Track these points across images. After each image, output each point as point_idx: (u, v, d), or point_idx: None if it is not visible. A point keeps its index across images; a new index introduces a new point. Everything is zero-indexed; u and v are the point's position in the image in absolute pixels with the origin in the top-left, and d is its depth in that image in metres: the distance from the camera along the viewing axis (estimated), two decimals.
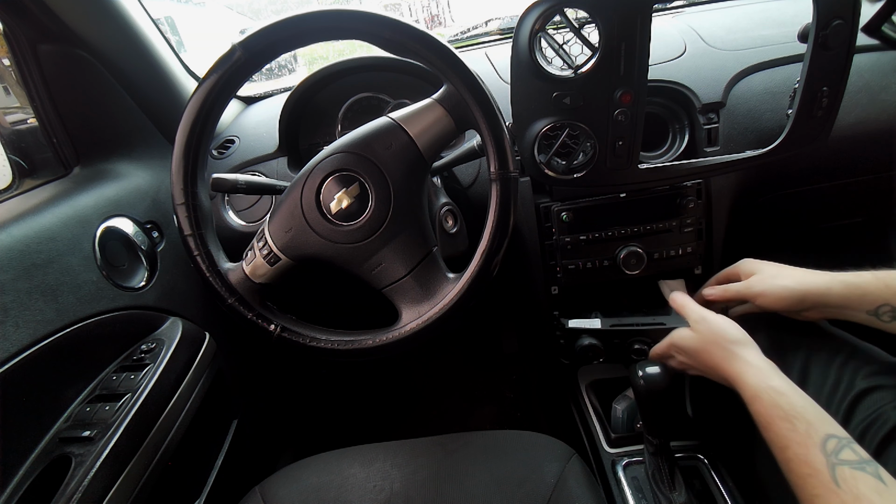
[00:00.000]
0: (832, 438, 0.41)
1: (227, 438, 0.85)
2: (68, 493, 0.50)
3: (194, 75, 0.94)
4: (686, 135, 0.80)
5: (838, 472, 0.39)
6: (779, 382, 0.48)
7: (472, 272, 0.54)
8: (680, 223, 0.77)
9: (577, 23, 0.62)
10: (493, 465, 0.61)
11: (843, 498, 0.38)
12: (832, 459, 0.40)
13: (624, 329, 0.76)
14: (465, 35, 1.09)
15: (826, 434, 0.42)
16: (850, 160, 0.83)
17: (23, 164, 0.78)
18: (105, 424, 0.56)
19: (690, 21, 0.90)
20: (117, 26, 0.79)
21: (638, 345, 0.76)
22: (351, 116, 0.92)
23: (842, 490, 0.38)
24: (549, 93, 0.64)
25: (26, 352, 0.53)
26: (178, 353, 0.67)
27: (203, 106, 0.54)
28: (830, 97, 0.63)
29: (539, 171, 0.68)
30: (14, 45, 0.73)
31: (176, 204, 0.55)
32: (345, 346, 0.57)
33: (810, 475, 0.40)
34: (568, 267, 0.79)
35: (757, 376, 0.49)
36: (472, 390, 1.37)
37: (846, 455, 0.40)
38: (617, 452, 0.80)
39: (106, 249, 0.68)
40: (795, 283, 0.55)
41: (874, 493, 0.37)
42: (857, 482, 0.38)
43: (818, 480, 0.39)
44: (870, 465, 0.39)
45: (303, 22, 0.52)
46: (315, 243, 0.57)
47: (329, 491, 0.61)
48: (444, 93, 0.55)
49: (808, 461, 0.41)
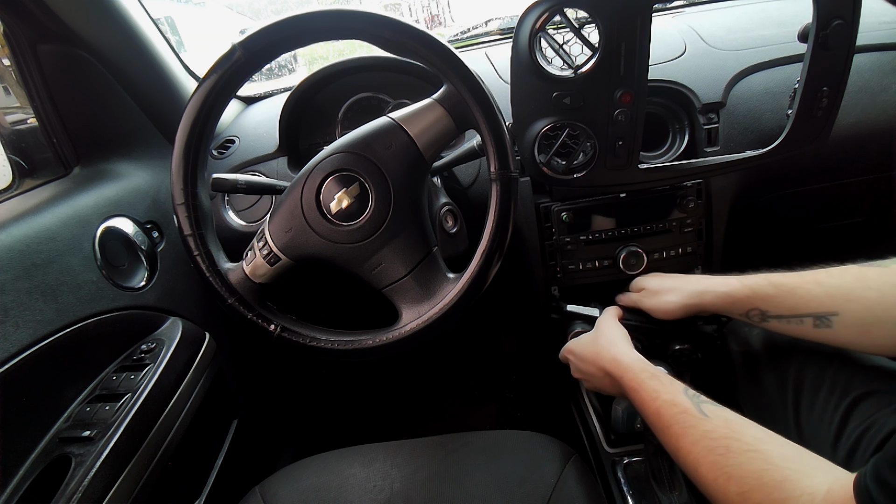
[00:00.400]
0: (689, 390, 0.49)
1: (227, 438, 0.85)
2: (68, 493, 0.50)
3: (194, 75, 0.94)
4: (686, 135, 0.80)
5: (703, 407, 0.46)
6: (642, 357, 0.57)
7: (472, 272, 0.54)
8: (680, 223, 0.77)
9: (577, 23, 0.62)
10: (493, 465, 0.61)
11: (714, 423, 0.44)
12: (695, 400, 0.47)
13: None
14: (465, 35, 1.09)
15: (684, 386, 0.50)
16: (850, 160, 0.83)
17: (23, 164, 0.78)
18: (105, 424, 0.56)
19: (690, 21, 0.90)
20: (117, 26, 0.79)
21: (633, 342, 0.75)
22: (351, 116, 0.92)
23: (710, 418, 0.45)
24: (549, 93, 0.64)
25: (26, 352, 0.53)
26: (178, 353, 0.67)
27: (203, 106, 0.54)
28: (830, 97, 0.63)
29: (539, 171, 0.68)
30: (14, 45, 0.73)
31: (176, 204, 0.55)
32: (345, 346, 0.57)
33: (680, 412, 0.47)
34: (568, 267, 0.79)
35: (629, 354, 0.58)
36: (472, 390, 1.37)
37: (703, 399, 0.48)
38: (617, 452, 0.80)
39: (106, 249, 0.68)
40: (678, 298, 0.63)
41: (739, 418, 0.44)
42: (721, 412, 0.45)
43: (688, 415, 0.46)
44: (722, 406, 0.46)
45: (303, 22, 0.52)
46: (315, 243, 0.57)
47: (329, 491, 0.61)
48: (444, 93, 0.55)
49: (676, 402, 0.48)
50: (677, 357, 0.73)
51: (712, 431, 0.43)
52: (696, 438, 0.44)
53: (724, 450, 0.41)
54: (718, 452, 0.41)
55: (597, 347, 0.63)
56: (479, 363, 1.44)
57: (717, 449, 0.42)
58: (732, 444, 0.41)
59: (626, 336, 0.63)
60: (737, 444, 0.41)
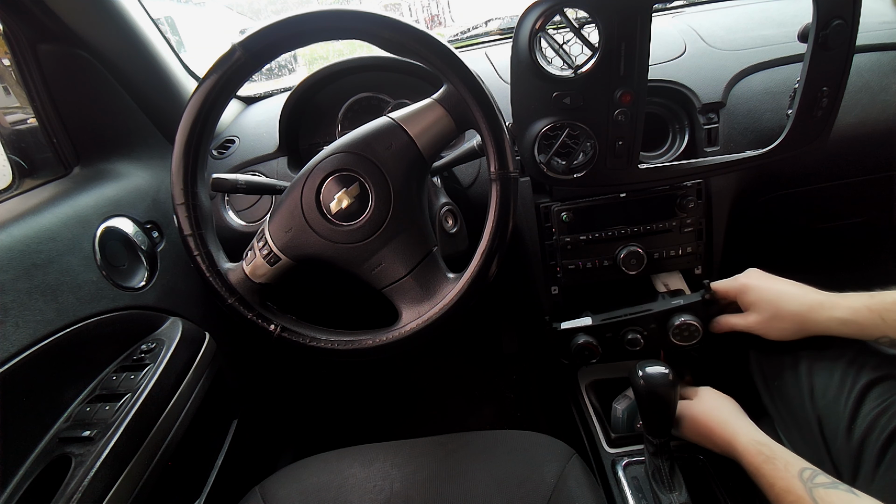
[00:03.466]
0: (806, 470, 0.49)
1: (227, 438, 0.85)
2: (68, 493, 0.50)
3: (194, 75, 0.94)
4: (686, 135, 0.80)
5: (815, 493, 0.46)
6: (761, 435, 0.56)
7: (472, 272, 0.54)
8: (680, 223, 0.77)
9: (577, 23, 0.62)
10: (493, 465, 0.61)
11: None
12: (809, 485, 0.47)
13: (614, 321, 0.77)
14: (465, 35, 1.09)
15: (801, 467, 0.49)
16: (850, 160, 0.83)
17: (23, 164, 0.78)
18: (105, 424, 0.56)
19: (690, 21, 0.90)
20: (117, 26, 0.79)
21: (630, 335, 0.76)
22: (351, 116, 0.92)
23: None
24: (549, 93, 0.64)
25: (26, 352, 0.53)
26: (178, 353, 0.67)
27: (203, 106, 0.54)
28: (830, 97, 0.63)
29: (539, 171, 0.68)
30: (14, 45, 0.73)
31: (176, 204, 0.55)
32: (345, 346, 0.57)
33: (795, 501, 0.47)
34: (568, 267, 0.79)
35: (746, 434, 0.57)
36: (472, 390, 1.37)
37: (819, 480, 0.47)
38: (617, 452, 0.80)
39: (106, 249, 0.68)
40: (794, 325, 0.59)
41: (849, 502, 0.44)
42: (831, 497, 0.45)
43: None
44: (840, 484, 0.46)
45: (303, 22, 0.52)
46: (315, 243, 0.57)
47: (329, 491, 0.61)
48: (444, 93, 0.55)
49: (791, 490, 0.48)
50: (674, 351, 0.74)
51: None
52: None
53: None
54: None
55: (709, 424, 0.62)
56: (479, 363, 1.44)
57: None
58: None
59: (738, 409, 0.62)
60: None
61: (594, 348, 0.77)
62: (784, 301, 0.60)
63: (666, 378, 0.60)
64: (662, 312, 0.74)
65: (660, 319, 0.74)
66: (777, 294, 0.61)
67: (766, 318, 0.61)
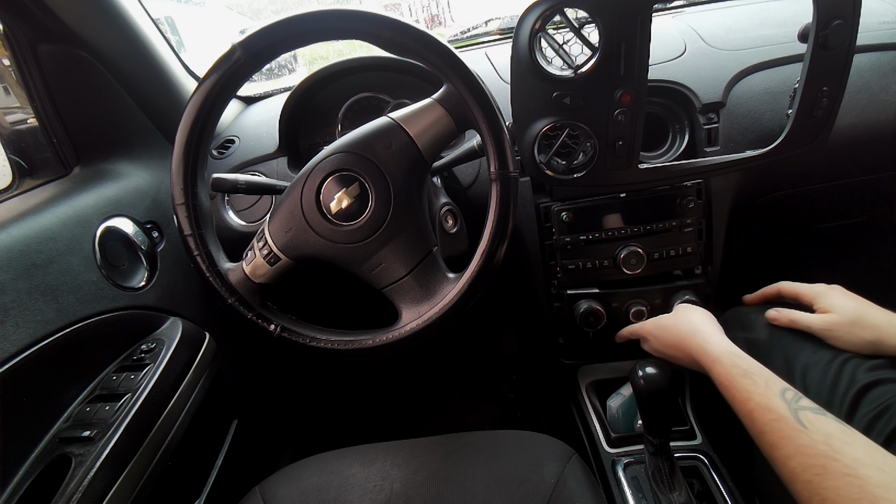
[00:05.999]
0: (788, 390, 0.45)
1: (227, 438, 0.85)
2: (68, 493, 0.50)
3: (194, 75, 0.94)
4: (686, 135, 0.80)
5: (802, 415, 0.42)
6: (736, 348, 0.53)
7: (472, 272, 0.54)
8: (680, 223, 0.77)
9: (577, 23, 0.62)
10: (493, 465, 0.61)
11: (813, 437, 0.40)
12: (793, 406, 0.43)
13: (621, 291, 0.79)
14: (465, 35, 1.09)
15: (783, 387, 0.46)
16: (850, 160, 0.83)
17: (23, 164, 0.78)
18: (105, 424, 0.56)
19: (690, 21, 0.90)
20: (117, 26, 0.78)
21: (635, 307, 0.77)
22: (351, 116, 0.92)
23: (809, 430, 0.41)
24: (549, 93, 0.64)
25: (26, 352, 0.53)
26: (178, 353, 0.67)
27: (203, 106, 0.54)
28: (830, 97, 0.63)
29: (539, 171, 0.68)
30: (14, 45, 0.73)
31: (176, 204, 0.55)
32: (345, 346, 0.57)
33: (775, 420, 0.43)
34: (568, 267, 0.79)
35: (717, 344, 0.54)
36: (472, 390, 1.37)
37: (804, 403, 0.44)
38: (617, 452, 0.80)
39: (106, 249, 0.68)
40: (874, 336, 0.55)
41: (841, 433, 0.40)
42: (822, 423, 0.41)
43: (784, 424, 0.42)
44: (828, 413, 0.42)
45: (303, 22, 0.52)
46: (315, 243, 0.57)
47: (329, 491, 0.61)
48: (444, 93, 0.55)
49: (771, 408, 0.44)
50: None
51: (810, 447, 0.40)
52: (791, 452, 0.41)
53: (821, 469, 0.38)
54: (815, 472, 0.38)
55: (679, 332, 0.60)
56: (479, 363, 1.44)
57: (813, 468, 0.39)
58: (830, 464, 0.38)
59: (713, 320, 0.61)
60: (834, 465, 0.38)
61: (599, 313, 0.78)
62: (869, 311, 0.57)
63: (666, 378, 0.60)
64: (668, 289, 0.77)
65: (665, 295, 0.76)
66: (861, 302, 0.59)
67: (847, 322, 0.57)
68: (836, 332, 0.57)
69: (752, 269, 0.91)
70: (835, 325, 0.57)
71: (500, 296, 1.20)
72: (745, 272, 0.87)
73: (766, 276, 0.69)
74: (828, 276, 0.64)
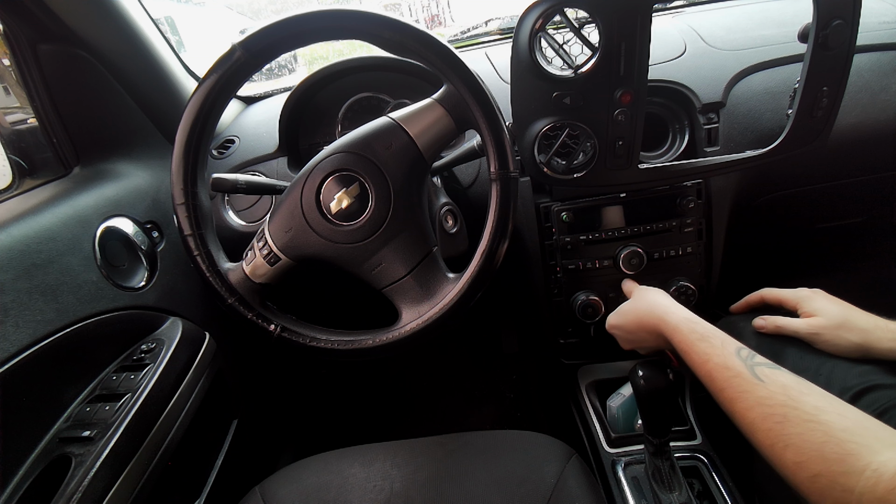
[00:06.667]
0: (742, 349, 0.47)
1: (227, 438, 0.85)
2: (68, 493, 0.50)
3: (194, 75, 0.94)
4: (686, 135, 0.80)
5: (758, 370, 0.44)
6: (693, 315, 0.55)
7: (472, 272, 0.54)
8: (680, 223, 0.77)
9: (577, 23, 0.62)
10: (493, 465, 0.61)
11: (771, 389, 0.42)
12: (749, 362, 0.45)
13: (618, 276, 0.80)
14: (465, 35, 1.09)
15: (737, 346, 0.47)
16: (851, 160, 0.83)
17: (23, 164, 0.78)
18: (105, 424, 0.56)
19: (690, 21, 0.90)
20: (117, 26, 0.79)
21: None
22: (351, 116, 0.92)
23: (766, 383, 0.42)
24: (549, 93, 0.64)
25: (26, 352, 0.53)
26: (178, 353, 0.67)
27: (203, 106, 0.54)
28: (830, 97, 0.63)
29: (539, 171, 0.68)
30: (14, 45, 0.73)
31: (176, 204, 0.55)
32: (345, 346, 0.57)
33: (733, 376, 0.45)
34: (568, 267, 0.79)
35: (675, 314, 0.56)
36: (472, 390, 1.37)
37: (758, 360, 0.45)
38: (617, 452, 0.80)
39: (106, 249, 0.68)
40: (861, 339, 0.55)
41: (797, 383, 0.42)
42: (777, 376, 0.43)
43: (742, 379, 0.44)
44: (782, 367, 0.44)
45: (303, 22, 0.52)
46: (315, 243, 0.57)
47: (329, 491, 0.61)
48: (444, 93, 0.55)
49: (729, 366, 0.46)
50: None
51: (768, 398, 0.41)
52: (750, 404, 0.42)
53: (782, 418, 0.39)
54: (775, 420, 0.40)
55: (638, 313, 0.62)
56: (479, 363, 1.44)
57: (773, 416, 0.40)
58: (790, 412, 0.39)
59: (666, 295, 0.62)
60: (795, 412, 0.39)
61: (597, 304, 0.78)
62: (854, 314, 0.57)
63: (666, 378, 0.60)
64: (663, 278, 0.78)
65: (660, 285, 0.77)
66: (845, 306, 0.59)
67: (833, 325, 0.57)
68: (823, 335, 0.57)
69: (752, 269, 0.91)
70: (821, 328, 0.57)
71: (500, 296, 1.20)
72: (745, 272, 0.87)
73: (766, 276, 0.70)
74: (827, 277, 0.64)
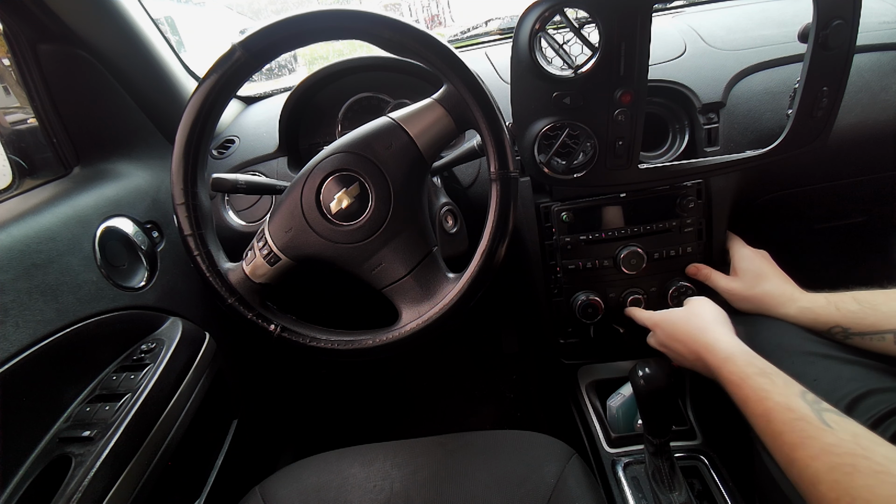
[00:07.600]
0: (808, 393, 0.44)
1: (227, 438, 0.85)
2: (68, 493, 0.50)
3: (194, 75, 0.94)
4: (686, 135, 0.80)
5: (826, 416, 0.41)
6: (747, 347, 0.52)
7: (472, 272, 0.54)
8: (680, 223, 0.77)
9: (577, 23, 0.62)
10: (493, 465, 0.61)
11: (840, 436, 0.39)
12: (815, 407, 0.42)
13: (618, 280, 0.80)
14: (465, 35, 1.09)
15: (801, 389, 0.45)
16: (851, 160, 0.82)
17: (23, 164, 0.78)
18: (105, 424, 0.56)
19: (690, 21, 0.90)
20: (117, 26, 0.79)
21: (632, 296, 0.78)
22: (351, 116, 0.92)
23: (835, 430, 0.39)
24: (549, 93, 0.64)
25: (26, 352, 0.53)
26: (178, 353, 0.67)
27: (203, 106, 0.54)
28: (830, 97, 0.63)
29: (539, 171, 0.68)
30: (14, 45, 0.73)
31: (176, 204, 0.55)
32: (345, 346, 0.57)
33: (797, 419, 0.42)
34: (568, 267, 0.79)
35: (729, 343, 0.53)
36: (472, 390, 1.37)
37: (825, 405, 0.42)
38: (617, 452, 0.80)
39: (106, 249, 0.68)
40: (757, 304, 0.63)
41: (867, 433, 0.39)
42: (847, 424, 0.40)
43: (808, 423, 0.41)
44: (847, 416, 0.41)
45: (303, 22, 0.52)
46: (315, 243, 0.57)
47: (329, 491, 0.61)
48: (444, 93, 0.55)
49: (792, 408, 0.42)
50: None
51: (836, 446, 0.38)
52: (815, 452, 0.39)
53: (851, 468, 0.37)
54: (844, 471, 0.37)
55: (689, 328, 0.59)
56: (479, 363, 1.44)
57: (842, 467, 0.37)
58: (860, 462, 0.37)
59: (726, 319, 0.60)
60: (865, 463, 0.36)
61: (598, 304, 0.78)
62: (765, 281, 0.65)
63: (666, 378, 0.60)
64: (664, 278, 0.79)
65: (660, 284, 0.78)
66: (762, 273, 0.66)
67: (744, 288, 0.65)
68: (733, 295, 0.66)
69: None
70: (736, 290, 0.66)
71: (500, 296, 1.20)
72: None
73: None
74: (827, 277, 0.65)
